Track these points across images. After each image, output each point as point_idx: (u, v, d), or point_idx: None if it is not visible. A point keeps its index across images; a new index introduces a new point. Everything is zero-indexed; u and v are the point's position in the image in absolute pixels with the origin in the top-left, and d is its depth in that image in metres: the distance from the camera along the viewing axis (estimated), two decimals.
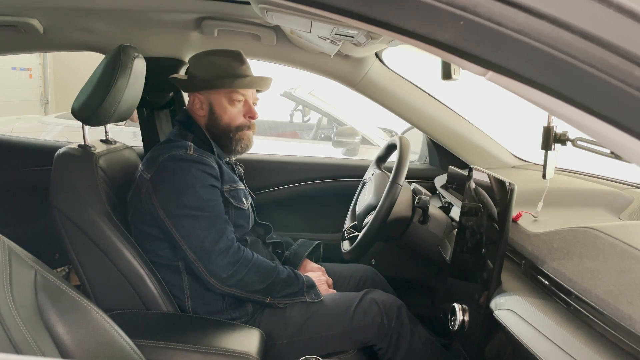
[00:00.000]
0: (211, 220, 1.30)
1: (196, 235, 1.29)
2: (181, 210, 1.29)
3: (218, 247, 1.28)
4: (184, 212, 1.29)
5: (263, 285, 1.34)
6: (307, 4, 0.51)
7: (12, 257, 0.80)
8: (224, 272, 1.29)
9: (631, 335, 0.70)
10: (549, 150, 1.18)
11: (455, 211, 1.56)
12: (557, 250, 0.95)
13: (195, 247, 1.29)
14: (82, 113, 1.34)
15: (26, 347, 0.73)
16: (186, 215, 1.29)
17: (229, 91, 1.42)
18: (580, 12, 0.45)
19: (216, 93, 1.42)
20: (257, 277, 1.33)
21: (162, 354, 1.16)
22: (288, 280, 1.38)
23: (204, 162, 1.34)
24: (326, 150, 3.90)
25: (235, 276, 1.30)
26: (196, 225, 1.29)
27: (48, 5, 1.56)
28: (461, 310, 1.14)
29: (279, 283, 1.36)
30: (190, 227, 1.29)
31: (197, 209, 1.30)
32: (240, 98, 1.43)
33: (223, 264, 1.29)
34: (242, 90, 1.43)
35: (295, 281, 1.39)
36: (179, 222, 1.30)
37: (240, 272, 1.30)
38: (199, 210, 1.30)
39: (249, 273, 1.32)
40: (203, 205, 1.30)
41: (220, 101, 1.42)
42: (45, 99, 6.65)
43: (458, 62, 0.50)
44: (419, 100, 1.86)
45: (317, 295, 1.41)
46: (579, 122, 0.49)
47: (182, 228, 1.29)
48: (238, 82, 1.41)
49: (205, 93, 1.43)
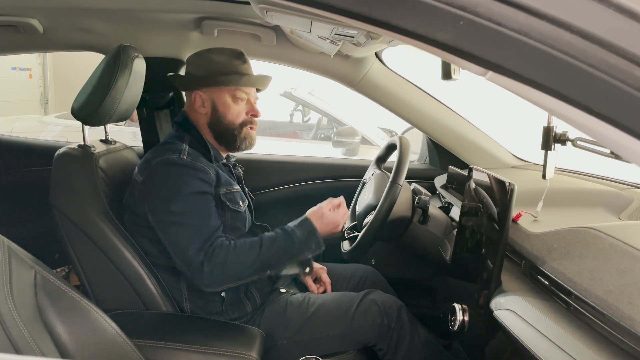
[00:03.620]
0: (197, 228, 1.28)
1: (180, 243, 1.27)
2: (168, 216, 1.28)
3: (200, 257, 1.25)
4: (170, 218, 1.28)
5: (254, 267, 1.29)
6: (307, 4, 0.51)
7: (12, 257, 0.80)
8: (207, 279, 1.26)
9: (631, 335, 0.70)
10: (549, 150, 1.18)
11: (455, 211, 1.56)
12: (557, 250, 0.95)
13: (179, 256, 1.28)
14: (82, 113, 1.34)
15: (26, 347, 0.73)
16: (172, 222, 1.28)
17: (232, 89, 1.41)
18: (580, 12, 0.45)
19: (219, 91, 1.42)
20: (243, 266, 1.28)
21: (162, 354, 1.16)
22: (281, 245, 1.32)
23: (196, 167, 1.33)
24: (326, 150, 3.90)
25: (219, 277, 1.27)
26: (180, 233, 1.27)
27: (48, 5, 1.56)
28: (461, 310, 1.14)
29: (271, 255, 1.30)
30: (175, 235, 1.28)
31: (184, 215, 1.27)
32: (244, 96, 1.43)
33: (205, 271, 1.25)
34: (245, 89, 1.43)
35: (289, 243, 1.32)
36: (166, 228, 1.29)
37: (223, 271, 1.26)
38: (185, 217, 1.27)
39: (232, 266, 1.27)
40: (190, 212, 1.28)
41: (223, 99, 1.42)
42: (45, 99, 6.65)
43: (458, 62, 0.50)
44: (419, 100, 1.86)
45: (317, 244, 1.34)
46: (579, 122, 0.49)
47: (168, 235, 1.29)
48: (243, 80, 1.41)
49: (208, 91, 1.42)
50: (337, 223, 1.38)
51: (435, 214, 1.49)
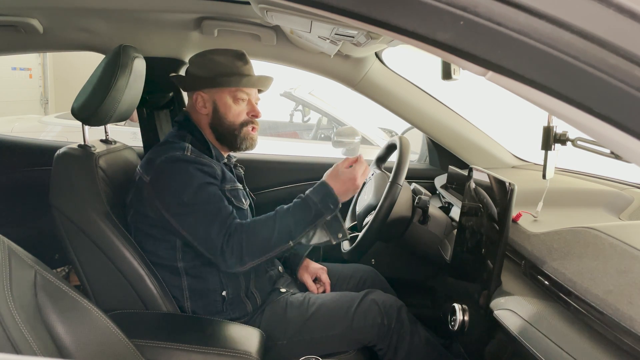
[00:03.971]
0: (212, 214, 1.29)
1: (200, 232, 1.28)
2: (183, 208, 1.29)
3: (220, 240, 1.27)
4: (186, 209, 1.29)
5: (273, 240, 1.28)
6: (307, 4, 0.51)
7: (12, 257, 0.80)
8: (230, 260, 1.27)
9: (631, 335, 0.70)
10: (549, 150, 1.18)
11: (455, 211, 1.56)
12: (557, 250, 0.95)
13: (202, 244, 1.29)
14: (82, 113, 1.34)
15: (26, 347, 0.73)
16: (187, 213, 1.29)
17: (234, 90, 1.42)
18: (580, 12, 0.45)
19: (221, 91, 1.43)
20: (261, 240, 1.28)
21: (162, 354, 1.16)
22: (297, 212, 1.31)
23: (202, 162, 1.35)
24: (326, 150, 3.90)
25: (240, 256, 1.27)
26: (198, 222, 1.29)
27: (48, 5, 1.56)
28: (461, 310, 1.14)
29: (288, 224, 1.29)
30: (194, 225, 1.29)
31: (197, 205, 1.29)
32: (245, 97, 1.44)
33: (226, 253, 1.27)
34: (246, 90, 1.44)
35: (305, 207, 1.31)
36: (184, 221, 1.30)
37: (242, 249, 1.27)
38: (200, 205, 1.29)
39: (250, 243, 1.28)
40: (203, 200, 1.30)
41: (224, 100, 1.43)
42: (45, 99, 6.65)
43: (458, 62, 0.50)
44: (419, 100, 1.86)
45: (334, 203, 1.31)
46: (579, 122, 0.49)
47: (188, 225, 1.29)
48: (244, 81, 1.42)
49: (209, 91, 1.43)
50: (355, 177, 1.33)
51: (435, 214, 1.49)
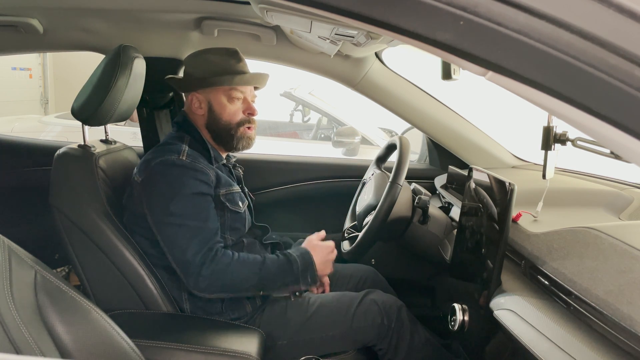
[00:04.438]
0: (195, 230, 1.28)
1: (178, 245, 1.27)
2: (167, 217, 1.28)
3: (198, 260, 1.26)
4: (169, 219, 1.28)
5: (249, 283, 1.31)
6: (307, 4, 0.51)
7: (12, 257, 0.80)
8: (203, 283, 1.26)
9: (631, 335, 0.70)
10: (549, 150, 1.18)
11: (455, 211, 1.56)
12: (557, 250, 0.95)
13: (177, 257, 1.28)
14: (82, 113, 1.34)
15: (26, 347, 0.73)
16: (171, 223, 1.28)
17: (227, 89, 1.41)
18: (580, 12, 0.45)
19: (215, 91, 1.42)
20: (241, 278, 1.30)
21: (162, 354, 1.16)
22: (280, 271, 1.33)
23: (195, 168, 1.32)
24: (326, 150, 3.90)
25: (215, 284, 1.27)
26: (179, 234, 1.27)
27: (48, 5, 1.56)
28: (461, 310, 1.14)
29: (269, 277, 1.32)
30: (174, 236, 1.28)
31: (183, 217, 1.28)
32: (239, 95, 1.43)
33: (203, 275, 1.26)
34: (241, 88, 1.42)
35: (288, 268, 1.34)
36: (164, 230, 1.29)
37: (221, 279, 1.27)
38: (184, 219, 1.27)
39: (231, 276, 1.28)
40: (189, 213, 1.28)
41: (219, 99, 1.42)
42: (45, 99, 6.64)
43: (458, 62, 0.50)
44: (419, 100, 1.86)
45: (312, 278, 1.36)
46: (579, 122, 0.49)
47: (166, 236, 1.29)
48: (237, 79, 1.40)
49: (204, 92, 1.43)
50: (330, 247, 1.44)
51: (435, 214, 1.49)
